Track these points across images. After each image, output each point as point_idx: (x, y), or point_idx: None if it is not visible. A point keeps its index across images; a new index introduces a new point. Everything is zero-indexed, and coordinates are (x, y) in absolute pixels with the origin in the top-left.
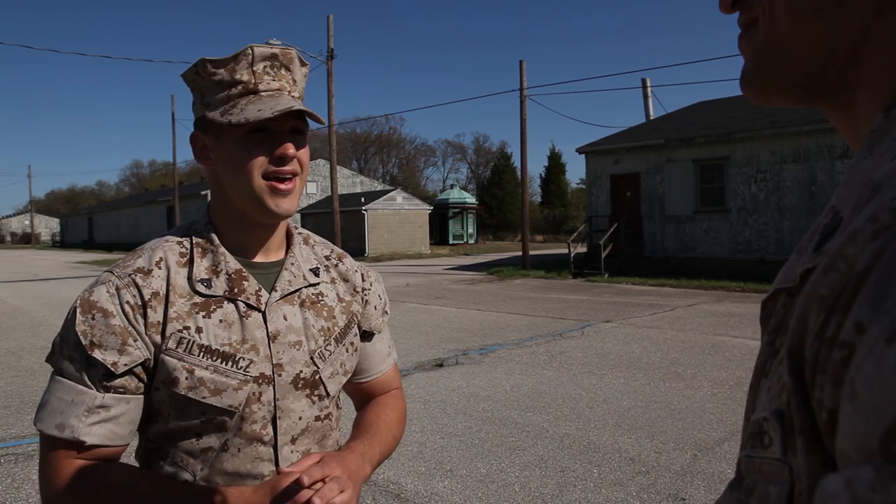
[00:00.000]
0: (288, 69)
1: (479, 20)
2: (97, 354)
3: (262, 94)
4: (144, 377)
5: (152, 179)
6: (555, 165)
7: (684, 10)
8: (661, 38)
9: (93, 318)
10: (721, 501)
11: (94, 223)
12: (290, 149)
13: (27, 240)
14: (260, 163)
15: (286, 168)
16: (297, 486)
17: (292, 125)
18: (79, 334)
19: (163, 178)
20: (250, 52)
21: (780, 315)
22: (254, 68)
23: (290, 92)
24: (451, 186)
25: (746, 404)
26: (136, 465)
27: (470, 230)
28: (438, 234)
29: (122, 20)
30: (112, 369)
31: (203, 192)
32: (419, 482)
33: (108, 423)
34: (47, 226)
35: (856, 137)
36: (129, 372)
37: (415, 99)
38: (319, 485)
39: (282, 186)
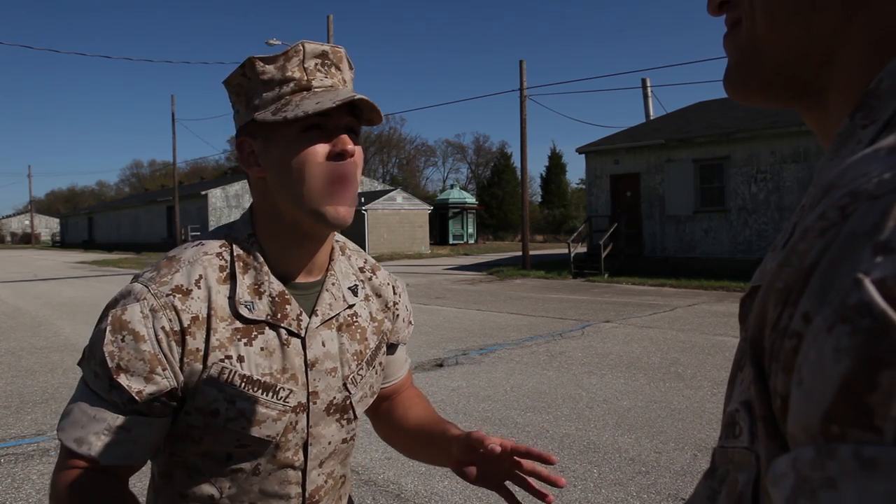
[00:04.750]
0: (338, 68)
1: (479, 20)
2: (122, 380)
3: (317, 90)
4: (172, 403)
5: (152, 179)
6: (555, 165)
7: (684, 11)
8: (661, 38)
9: (122, 340)
10: (696, 490)
11: (94, 223)
12: (348, 143)
13: (27, 240)
14: (318, 160)
15: (346, 165)
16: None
17: (347, 122)
18: (105, 355)
19: (163, 178)
20: (301, 48)
21: None
22: (305, 65)
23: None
24: (451, 186)
25: (725, 398)
26: (151, 475)
27: (470, 230)
28: (438, 234)
29: (122, 20)
30: (136, 397)
31: (203, 193)
32: (419, 482)
33: (127, 444)
34: (47, 226)
35: (828, 138)
36: (155, 399)
37: (415, 99)
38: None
39: (343, 192)
